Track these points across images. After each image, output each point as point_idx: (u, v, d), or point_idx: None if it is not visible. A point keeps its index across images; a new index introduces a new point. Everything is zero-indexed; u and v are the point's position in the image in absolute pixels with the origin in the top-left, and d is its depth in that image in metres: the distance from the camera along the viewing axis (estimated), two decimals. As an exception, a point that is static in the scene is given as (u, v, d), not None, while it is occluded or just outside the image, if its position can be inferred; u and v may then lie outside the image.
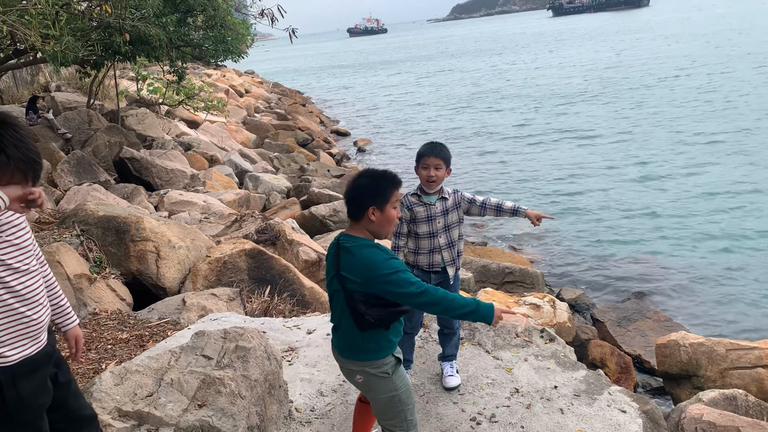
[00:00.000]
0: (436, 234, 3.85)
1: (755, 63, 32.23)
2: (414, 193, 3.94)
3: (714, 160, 16.15)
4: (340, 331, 2.89)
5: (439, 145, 3.86)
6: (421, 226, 3.86)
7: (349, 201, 2.86)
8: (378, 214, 2.80)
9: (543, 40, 74.84)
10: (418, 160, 3.86)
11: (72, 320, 2.62)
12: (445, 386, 3.91)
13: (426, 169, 3.80)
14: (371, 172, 2.92)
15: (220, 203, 11.25)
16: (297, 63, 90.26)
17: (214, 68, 37.07)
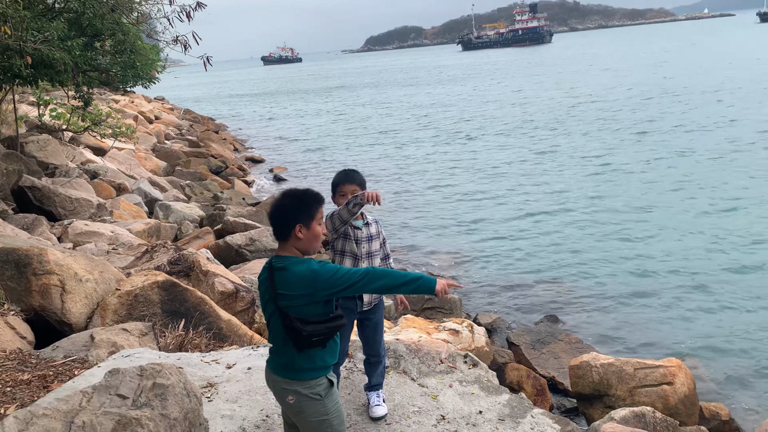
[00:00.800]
0: (360, 258, 3.88)
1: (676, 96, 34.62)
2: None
3: (618, 187, 17.09)
4: (276, 350, 2.88)
5: (353, 171, 3.94)
6: (348, 245, 3.91)
7: (276, 222, 2.90)
8: (305, 232, 2.86)
9: (474, 73, 77.29)
10: (335, 189, 3.89)
11: None
12: (372, 416, 3.88)
13: (344, 197, 3.83)
14: (293, 191, 2.98)
15: (129, 233, 10.79)
16: (209, 90, 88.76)
17: (122, 94, 35.85)
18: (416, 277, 2.81)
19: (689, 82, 40.82)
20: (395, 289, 2.83)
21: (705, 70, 48.19)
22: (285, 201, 2.92)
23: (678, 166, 18.66)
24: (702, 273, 10.93)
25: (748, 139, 21.31)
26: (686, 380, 6.84)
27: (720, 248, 11.94)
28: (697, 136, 23.00)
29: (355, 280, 2.73)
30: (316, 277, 2.74)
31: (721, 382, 7.76)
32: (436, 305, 9.64)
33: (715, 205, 14.61)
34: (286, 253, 2.88)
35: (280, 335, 2.81)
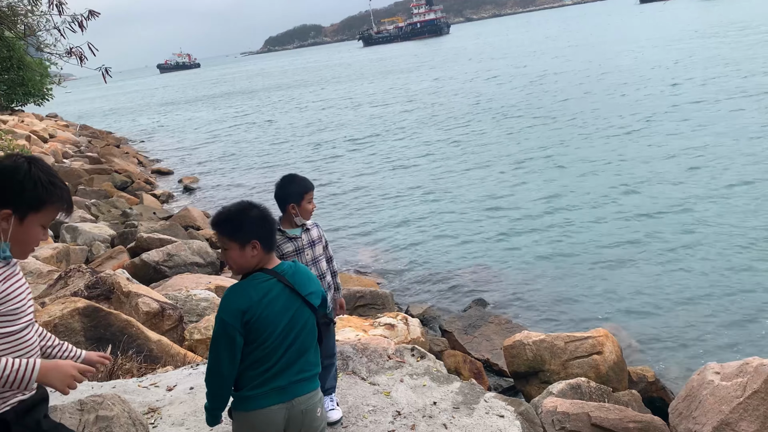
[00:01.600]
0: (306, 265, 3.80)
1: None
2: (278, 228, 3.82)
3: (533, 168, 17.70)
4: (310, 365, 2.79)
5: (300, 176, 3.90)
6: (288, 259, 3.75)
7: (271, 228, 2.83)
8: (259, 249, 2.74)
9: (375, 69, 77.51)
10: (301, 196, 3.80)
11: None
12: (328, 421, 3.82)
13: (311, 203, 3.82)
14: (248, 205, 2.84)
15: (36, 261, 10.14)
16: (105, 103, 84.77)
17: (10, 114, 33.64)
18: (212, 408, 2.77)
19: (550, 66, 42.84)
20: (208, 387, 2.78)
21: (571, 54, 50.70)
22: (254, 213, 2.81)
23: (583, 146, 19.54)
24: (616, 245, 11.51)
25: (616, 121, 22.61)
26: (614, 348, 7.17)
27: (631, 220, 12.61)
28: (599, 120, 24.14)
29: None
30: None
31: (644, 346, 8.21)
32: (368, 302, 9.65)
33: (622, 179, 15.40)
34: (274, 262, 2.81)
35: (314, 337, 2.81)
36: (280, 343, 2.64)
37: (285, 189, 3.82)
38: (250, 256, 2.67)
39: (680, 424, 5.41)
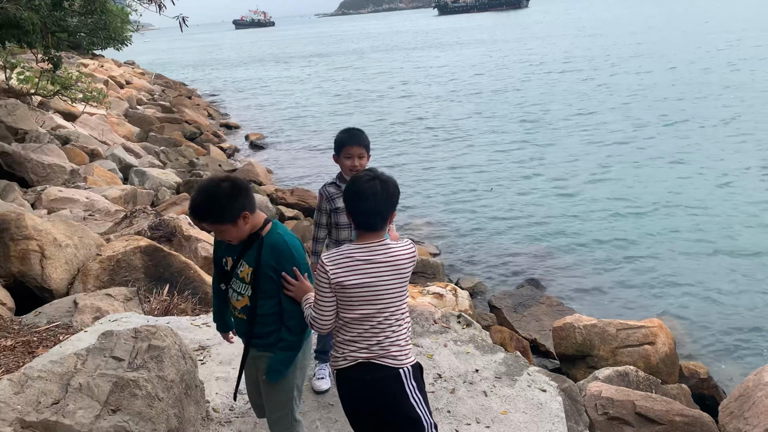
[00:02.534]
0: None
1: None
2: (333, 182, 3.82)
3: (600, 153, 17.19)
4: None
5: (359, 131, 3.76)
6: (341, 216, 3.74)
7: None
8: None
9: (455, 39, 76.54)
10: (339, 149, 3.71)
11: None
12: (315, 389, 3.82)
13: (350, 159, 3.67)
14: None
15: (105, 200, 10.56)
16: (180, 55, 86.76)
17: (91, 58, 34.85)
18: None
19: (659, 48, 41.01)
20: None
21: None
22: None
23: (664, 134, 18.77)
24: (681, 237, 11.11)
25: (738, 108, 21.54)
26: (667, 340, 6.98)
27: (699, 213, 12.12)
28: (688, 104, 23.14)
29: None
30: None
31: (699, 342, 7.95)
32: (418, 270, 9.65)
33: (701, 172, 14.74)
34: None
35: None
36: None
37: (335, 138, 3.78)
38: (244, 225, 2.71)
39: (730, 423, 5.24)
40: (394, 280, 2.55)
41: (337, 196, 3.73)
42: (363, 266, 2.53)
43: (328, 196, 3.79)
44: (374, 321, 2.55)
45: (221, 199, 2.63)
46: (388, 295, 2.55)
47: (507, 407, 3.55)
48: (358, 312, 2.54)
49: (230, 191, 2.65)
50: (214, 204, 2.64)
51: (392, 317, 2.57)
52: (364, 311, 2.54)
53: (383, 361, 2.54)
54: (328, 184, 3.84)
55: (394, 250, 2.57)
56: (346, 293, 2.52)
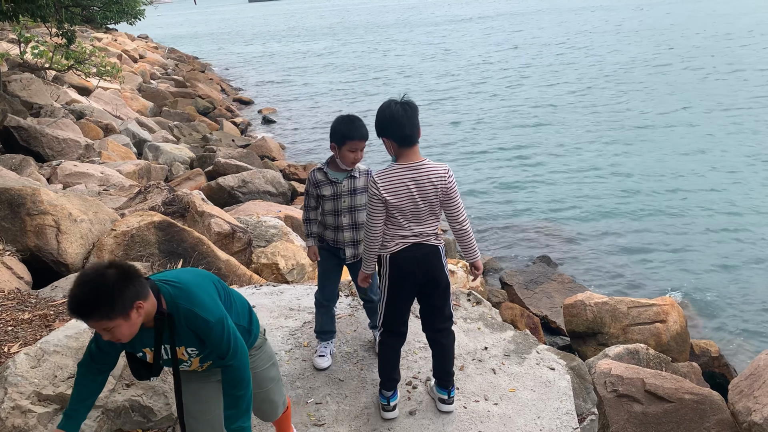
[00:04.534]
0: (339, 212, 3.77)
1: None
2: (320, 168, 3.80)
3: (614, 134, 17.02)
4: None
5: (360, 122, 3.66)
6: (326, 203, 3.78)
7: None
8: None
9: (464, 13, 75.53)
10: (342, 141, 3.61)
11: None
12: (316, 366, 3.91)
13: (353, 153, 3.63)
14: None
15: (119, 174, 10.65)
16: (193, 28, 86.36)
17: (105, 32, 34.82)
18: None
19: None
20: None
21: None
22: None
23: (682, 114, 18.53)
24: (692, 214, 11.03)
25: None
26: (678, 318, 6.97)
27: (710, 190, 12.01)
28: (710, 83, 22.80)
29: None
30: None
31: (711, 320, 7.94)
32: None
33: (718, 153, 14.58)
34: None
35: None
36: None
37: (334, 126, 3.68)
38: (137, 317, 2.26)
39: (739, 401, 5.25)
40: (432, 192, 3.21)
41: (324, 183, 3.76)
42: (408, 184, 3.19)
43: (315, 182, 3.79)
44: (420, 218, 3.24)
45: (107, 289, 2.16)
46: (428, 202, 3.22)
47: (515, 385, 3.57)
48: (406, 215, 3.23)
49: (118, 278, 2.20)
50: (101, 297, 2.16)
51: (431, 215, 3.27)
52: (411, 213, 3.23)
53: (428, 240, 3.28)
54: (317, 170, 3.82)
55: (431, 168, 3.23)
56: (393, 205, 3.19)
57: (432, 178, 3.19)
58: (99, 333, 2.27)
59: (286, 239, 8.02)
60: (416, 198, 3.19)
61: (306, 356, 3.93)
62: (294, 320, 4.38)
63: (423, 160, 3.24)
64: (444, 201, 3.24)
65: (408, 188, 3.17)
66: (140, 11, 20.11)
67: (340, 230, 3.79)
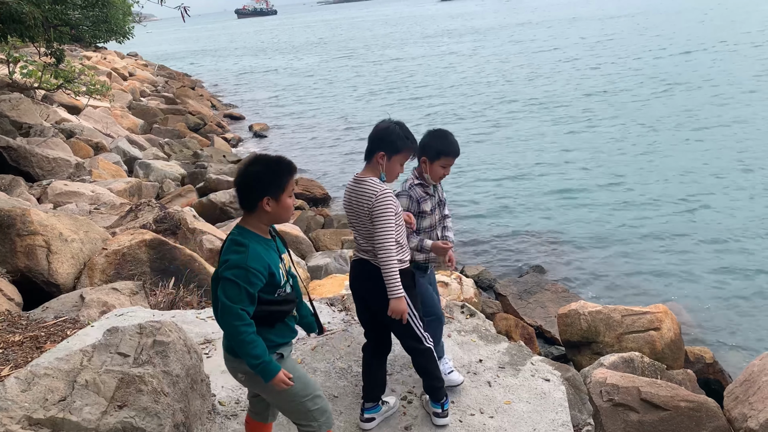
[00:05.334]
0: (435, 227, 3.65)
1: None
2: (419, 183, 3.60)
3: (600, 138, 17.12)
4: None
5: (453, 137, 3.59)
6: (425, 219, 3.60)
7: (242, 191, 2.68)
8: (273, 205, 2.65)
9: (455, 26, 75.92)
10: (435, 156, 3.50)
11: None
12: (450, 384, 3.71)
13: (445, 168, 3.54)
14: (263, 158, 2.72)
15: (110, 193, 10.61)
16: (183, 45, 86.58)
17: (94, 50, 34.83)
18: (258, 363, 2.59)
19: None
20: (238, 349, 2.61)
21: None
22: (253, 169, 2.67)
23: (670, 120, 18.68)
24: (684, 222, 11.07)
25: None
26: (672, 326, 6.97)
27: (701, 197, 12.07)
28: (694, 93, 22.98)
29: (228, 304, 2.54)
30: (225, 268, 2.59)
31: (705, 326, 7.95)
32: (423, 258, 9.65)
33: (704, 153, 14.69)
34: (248, 225, 2.70)
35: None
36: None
37: (428, 141, 3.56)
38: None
39: (735, 408, 5.25)
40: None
41: (425, 198, 3.59)
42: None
43: (418, 198, 3.58)
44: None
45: (239, 182, 2.72)
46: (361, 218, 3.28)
47: (510, 397, 3.56)
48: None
49: (251, 175, 2.70)
50: (236, 188, 2.73)
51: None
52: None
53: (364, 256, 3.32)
54: (414, 186, 3.61)
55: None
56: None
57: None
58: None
59: (278, 254, 7.99)
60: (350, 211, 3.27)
61: (300, 373, 3.90)
62: (287, 336, 4.35)
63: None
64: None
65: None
66: (129, 29, 20.12)
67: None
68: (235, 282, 2.54)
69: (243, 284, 2.55)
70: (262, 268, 2.61)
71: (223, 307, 2.56)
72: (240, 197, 2.70)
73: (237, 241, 2.64)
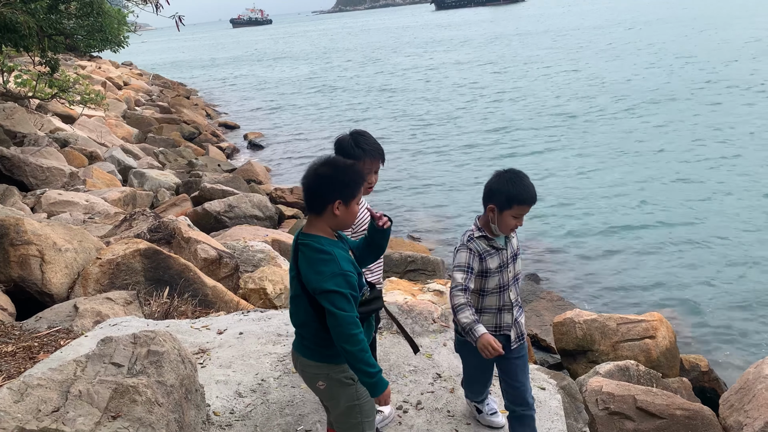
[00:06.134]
0: (506, 287, 3.10)
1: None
2: (481, 236, 3.09)
3: (594, 145, 17.19)
4: (305, 333, 2.71)
5: (529, 181, 3.07)
6: (491, 279, 3.06)
7: (312, 193, 2.63)
8: (342, 209, 2.60)
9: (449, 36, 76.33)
10: (507, 205, 2.98)
11: None
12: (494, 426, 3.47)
13: (518, 219, 3.03)
14: (338, 161, 2.69)
15: (105, 202, 10.59)
16: (178, 54, 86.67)
17: (89, 59, 34.84)
18: (371, 374, 2.53)
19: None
20: (353, 364, 2.54)
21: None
22: (326, 171, 2.61)
23: (650, 120, 18.78)
24: (679, 229, 11.11)
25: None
26: (667, 334, 6.98)
27: (695, 204, 12.12)
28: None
29: (341, 314, 2.47)
30: (318, 281, 2.53)
31: (700, 334, 7.96)
32: (418, 267, 9.67)
33: (696, 159, 14.76)
34: (315, 229, 2.64)
35: (309, 316, 2.63)
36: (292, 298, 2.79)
37: (497, 186, 3.05)
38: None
39: (730, 416, 5.25)
40: None
41: (490, 253, 3.06)
42: None
43: (481, 253, 3.06)
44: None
45: (310, 184, 2.70)
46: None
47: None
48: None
49: (325, 178, 2.67)
50: (306, 190, 2.72)
51: None
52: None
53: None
54: (475, 238, 3.09)
55: None
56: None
57: None
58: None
59: (273, 263, 7.98)
60: None
61: (295, 382, 3.89)
62: (282, 346, 4.34)
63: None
64: None
65: None
66: (124, 39, 20.17)
67: (506, 310, 3.12)
68: (339, 292, 2.49)
69: (348, 291, 2.51)
70: (354, 270, 2.60)
71: (337, 318, 2.48)
72: (308, 199, 2.65)
73: (320, 250, 2.58)
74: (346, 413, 2.75)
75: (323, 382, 2.71)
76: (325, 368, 2.68)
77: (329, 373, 2.68)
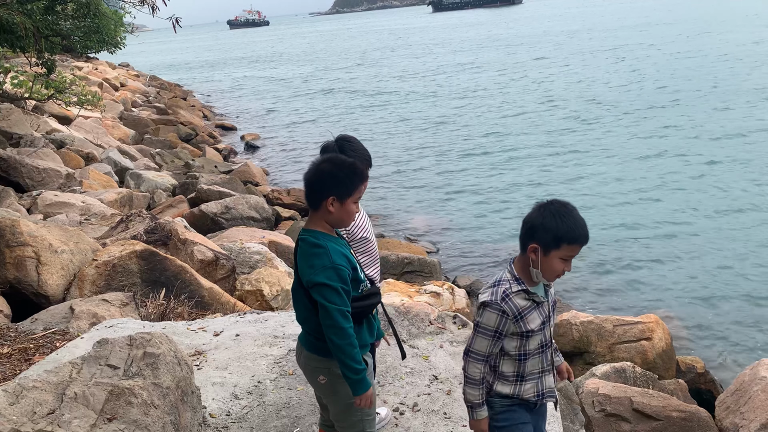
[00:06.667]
0: (548, 345, 2.61)
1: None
2: (519, 290, 2.51)
3: (591, 149, 17.22)
4: (309, 328, 2.73)
5: (580, 215, 2.57)
6: (532, 340, 2.54)
7: (309, 187, 2.68)
8: (336, 206, 2.64)
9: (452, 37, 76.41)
10: (554, 244, 2.45)
11: None
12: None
13: (566, 262, 2.49)
14: (336, 158, 2.72)
15: (101, 203, 10.57)
16: (175, 56, 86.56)
17: (85, 60, 34.79)
18: (356, 371, 2.54)
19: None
20: (340, 358, 2.55)
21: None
22: (324, 167, 2.66)
23: (659, 130, 18.82)
24: (674, 231, 11.13)
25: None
26: (664, 335, 7.00)
27: (691, 207, 12.14)
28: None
29: (333, 308, 2.50)
30: (312, 274, 2.56)
31: (696, 336, 7.97)
32: (415, 269, 9.67)
33: (689, 162, 14.81)
34: (313, 225, 2.68)
35: (308, 311, 2.66)
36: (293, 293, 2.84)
37: (541, 221, 2.50)
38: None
39: (726, 418, 5.26)
40: None
41: (530, 310, 2.51)
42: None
43: (517, 314, 2.49)
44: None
45: (308, 178, 2.73)
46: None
47: (503, 408, 3.55)
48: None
49: (320, 173, 2.69)
50: (305, 183, 2.73)
51: None
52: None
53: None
54: (511, 294, 2.50)
55: None
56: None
57: None
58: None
59: (270, 265, 7.97)
60: None
61: (291, 384, 3.89)
62: (279, 348, 4.34)
63: None
64: None
65: None
66: (121, 40, 20.15)
67: (547, 372, 2.63)
68: (330, 285, 2.52)
69: (338, 284, 2.53)
70: (347, 264, 2.62)
71: (327, 311, 2.51)
72: (307, 193, 2.70)
73: (313, 243, 2.62)
74: (346, 410, 2.76)
75: (324, 377, 2.73)
76: (326, 362, 2.70)
77: (331, 367, 2.69)
